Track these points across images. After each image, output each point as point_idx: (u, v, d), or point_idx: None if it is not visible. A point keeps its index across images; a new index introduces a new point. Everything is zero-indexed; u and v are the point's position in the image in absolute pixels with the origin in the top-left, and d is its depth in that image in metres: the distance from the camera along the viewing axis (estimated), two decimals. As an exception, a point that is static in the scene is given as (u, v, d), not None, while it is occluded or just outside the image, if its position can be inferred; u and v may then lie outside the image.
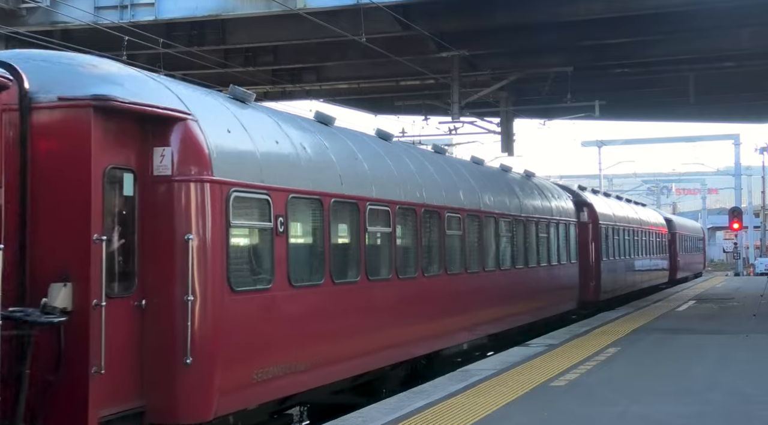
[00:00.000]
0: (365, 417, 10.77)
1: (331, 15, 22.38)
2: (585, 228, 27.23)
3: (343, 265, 12.62)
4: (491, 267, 18.38)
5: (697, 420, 10.50)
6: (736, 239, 67.18)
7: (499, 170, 22.28)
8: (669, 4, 23.45)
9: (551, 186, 25.80)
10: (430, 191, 15.66)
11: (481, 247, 17.79)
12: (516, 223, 20.08)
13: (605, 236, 28.81)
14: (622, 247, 31.51)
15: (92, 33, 22.82)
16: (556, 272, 23.40)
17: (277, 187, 10.79)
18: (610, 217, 29.92)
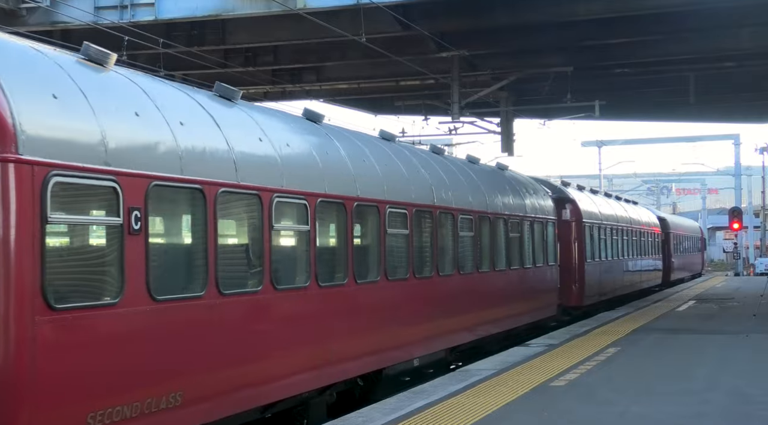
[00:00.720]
0: (365, 417, 10.77)
1: (331, 15, 22.38)
2: (567, 227, 25.76)
3: (235, 271, 10.35)
4: (448, 271, 16.13)
5: (697, 420, 10.50)
6: (736, 239, 67.16)
7: (464, 162, 19.89)
8: (669, 4, 23.45)
9: (527, 181, 23.52)
10: (367, 182, 13.25)
11: (436, 248, 15.53)
12: (481, 221, 17.89)
13: (590, 235, 27.27)
14: (609, 247, 29.90)
15: (92, 33, 22.77)
16: (530, 276, 21.30)
17: (129, 172, 8.42)
18: (595, 215, 28.41)
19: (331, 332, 12.03)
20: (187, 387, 9.01)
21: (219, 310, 9.63)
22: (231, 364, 9.80)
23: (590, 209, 28.02)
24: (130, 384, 8.33)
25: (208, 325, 9.45)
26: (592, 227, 27.62)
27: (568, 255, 25.30)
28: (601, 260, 28.64)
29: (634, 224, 34.77)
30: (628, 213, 34.51)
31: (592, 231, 27.52)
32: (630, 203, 38.22)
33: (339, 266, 12.44)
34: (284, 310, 11.03)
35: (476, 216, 17.64)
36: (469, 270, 17.24)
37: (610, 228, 30.09)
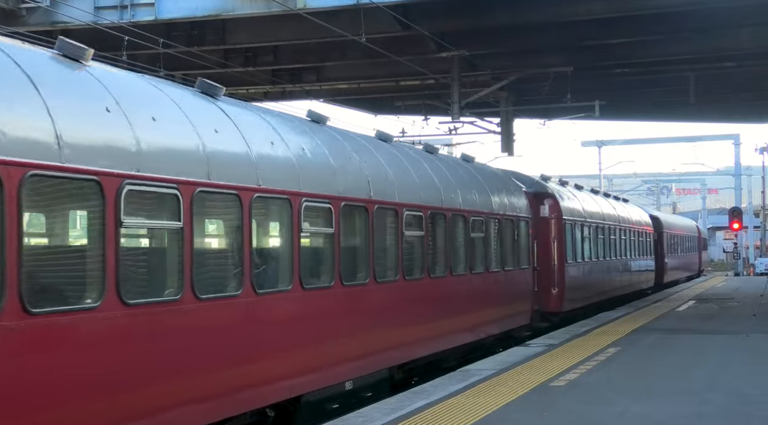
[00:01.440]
0: (365, 417, 10.77)
1: (331, 15, 22.38)
2: (545, 225, 23.55)
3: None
4: (391, 277, 13.94)
5: (697, 420, 10.50)
6: (736, 239, 67.16)
7: (419, 152, 17.69)
8: (669, 4, 23.45)
9: (496, 174, 21.44)
10: (268, 170, 10.82)
11: (372, 250, 13.22)
12: (434, 219, 15.75)
13: (572, 234, 25.13)
14: (595, 247, 27.78)
15: (92, 33, 22.79)
16: (497, 281, 19.03)
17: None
18: (578, 212, 26.16)
19: (219, 355, 9.68)
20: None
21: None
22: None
23: (572, 205, 25.84)
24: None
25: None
26: (575, 225, 25.47)
27: (546, 256, 23.12)
28: (585, 262, 26.49)
29: (624, 223, 32.59)
30: (616, 211, 32.29)
31: (574, 230, 25.39)
32: (620, 201, 36.03)
33: (230, 274, 10.20)
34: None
35: (427, 213, 15.37)
36: (418, 275, 14.98)
37: (595, 227, 27.91)
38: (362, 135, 15.62)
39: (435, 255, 15.87)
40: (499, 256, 19.10)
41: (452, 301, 16.51)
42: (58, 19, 22.41)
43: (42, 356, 7.43)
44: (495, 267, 18.88)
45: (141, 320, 8.52)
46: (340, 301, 12.34)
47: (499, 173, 22.16)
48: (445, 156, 19.89)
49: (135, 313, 8.42)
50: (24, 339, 7.20)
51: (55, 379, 7.54)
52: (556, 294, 23.51)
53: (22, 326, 7.17)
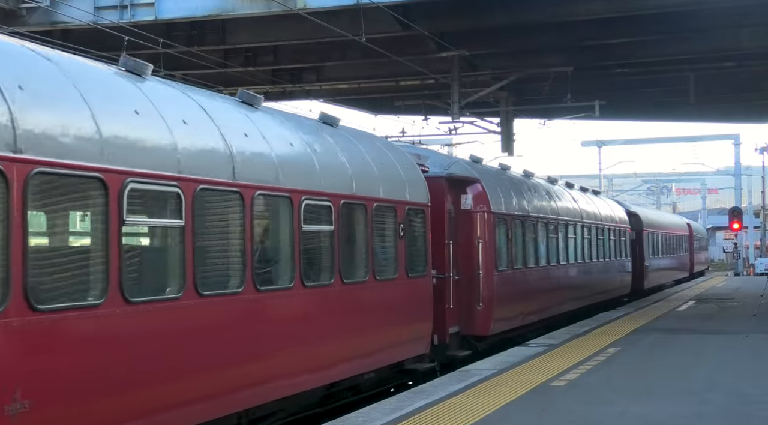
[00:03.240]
0: (365, 416, 10.77)
1: (331, 15, 22.38)
2: (468, 221, 18.15)
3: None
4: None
5: (697, 420, 10.50)
6: (736, 239, 67.17)
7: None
8: (669, 4, 23.45)
9: (376, 145, 14.88)
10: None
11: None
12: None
13: (508, 233, 19.73)
14: (543, 250, 22.52)
15: (92, 33, 22.82)
16: (361, 299, 12.91)
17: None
18: (519, 205, 20.86)
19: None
20: None
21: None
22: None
23: (510, 196, 20.46)
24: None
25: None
26: (512, 222, 20.07)
27: (468, 261, 17.83)
28: (527, 268, 21.10)
29: (589, 219, 27.44)
30: (578, 205, 26.95)
31: (511, 227, 19.98)
32: (587, 194, 30.49)
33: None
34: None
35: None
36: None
37: (545, 224, 22.68)
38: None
39: (216, 260, 9.96)
40: (366, 262, 13.03)
41: (264, 335, 10.57)
42: (58, 19, 22.42)
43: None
44: (358, 277, 12.79)
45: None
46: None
47: (398, 148, 16.31)
48: (304, 118, 13.94)
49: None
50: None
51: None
52: (482, 312, 17.94)
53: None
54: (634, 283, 33.35)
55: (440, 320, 16.28)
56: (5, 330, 7.11)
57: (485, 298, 18.11)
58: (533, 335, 20.71)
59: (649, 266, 36.26)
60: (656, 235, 38.84)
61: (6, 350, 7.11)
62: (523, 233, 20.97)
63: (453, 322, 17.25)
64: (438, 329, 16.10)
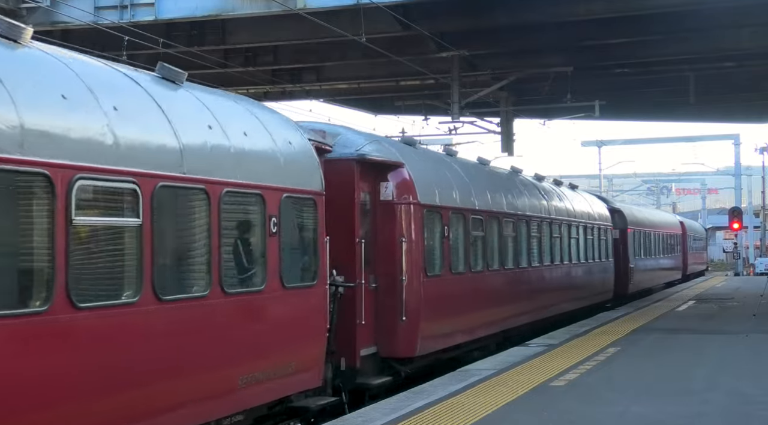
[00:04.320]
0: (365, 417, 10.78)
1: (331, 15, 22.38)
2: (388, 214, 14.67)
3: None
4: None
5: (697, 420, 10.51)
6: (736, 239, 67.17)
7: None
8: (669, 4, 23.45)
9: (263, 117, 11.37)
10: None
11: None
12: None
13: (443, 230, 16.23)
14: (498, 250, 19.21)
15: (92, 33, 22.83)
16: (220, 318, 9.62)
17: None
18: (461, 197, 17.34)
19: None
20: None
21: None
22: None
23: (451, 185, 17.10)
24: None
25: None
26: (453, 217, 16.75)
27: (388, 265, 14.55)
28: (471, 273, 17.58)
29: (560, 216, 24.08)
30: (548, 200, 23.71)
31: (449, 223, 16.53)
32: (563, 187, 27.29)
33: None
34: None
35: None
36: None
37: (500, 220, 19.32)
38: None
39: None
40: (207, 266, 9.41)
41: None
42: (59, 19, 22.42)
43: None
44: (188, 290, 9.33)
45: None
46: None
47: (250, 109, 11.36)
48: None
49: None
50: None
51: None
52: (406, 328, 14.60)
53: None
54: (617, 287, 30.48)
55: (348, 339, 13.31)
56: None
57: (410, 310, 14.61)
58: (481, 354, 17.54)
59: (635, 268, 33.03)
60: (643, 234, 35.73)
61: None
62: (467, 231, 17.35)
63: (367, 341, 14.00)
64: (345, 350, 13.23)
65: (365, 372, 14.03)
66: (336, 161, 13.42)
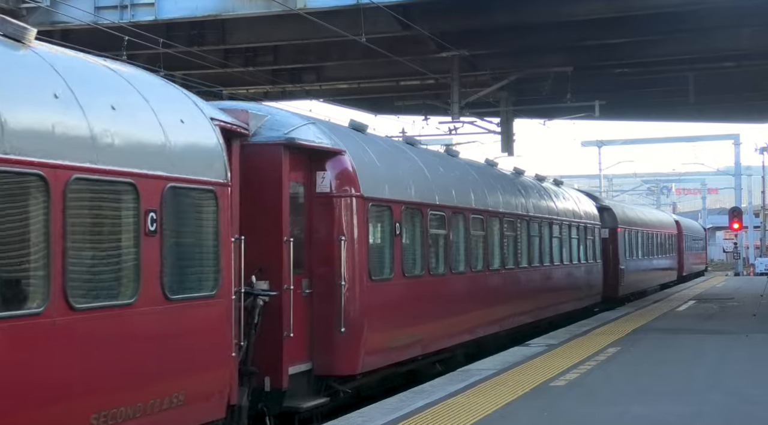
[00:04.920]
0: (365, 416, 10.78)
1: (331, 15, 22.38)
2: (325, 208, 12.72)
3: None
4: None
5: (697, 420, 10.50)
6: (736, 239, 67.15)
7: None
8: (669, 4, 23.46)
9: (145, 87, 9.39)
10: None
11: None
12: None
13: (395, 226, 14.18)
14: (464, 251, 17.14)
15: (92, 33, 22.82)
16: (63, 341, 7.61)
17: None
18: (419, 191, 15.29)
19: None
20: None
21: None
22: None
23: (406, 177, 15.09)
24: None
25: None
26: (406, 213, 14.68)
27: (326, 268, 12.65)
28: (433, 276, 15.65)
29: (539, 214, 22.26)
30: (525, 196, 21.76)
31: (403, 220, 14.52)
32: (546, 183, 25.69)
33: None
34: None
35: None
36: None
37: (466, 217, 17.33)
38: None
39: None
40: (45, 272, 7.44)
41: None
42: (58, 19, 22.42)
43: None
44: (18, 304, 7.32)
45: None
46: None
47: (127, 77, 9.35)
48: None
49: None
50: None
51: None
52: (346, 341, 12.62)
53: None
54: (606, 290, 28.85)
55: (273, 356, 11.48)
56: None
57: (350, 320, 12.61)
58: (448, 367, 15.75)
59: (625, 270, 31.32)
60: (635, 233, 34.23)
61: None
62: (425, 229, 15.29)
63: (298, 357, 12.06)
64: (270, 369, 11.45)
65: (296, 393, 11.98)
66: (260, 147, 11.78)
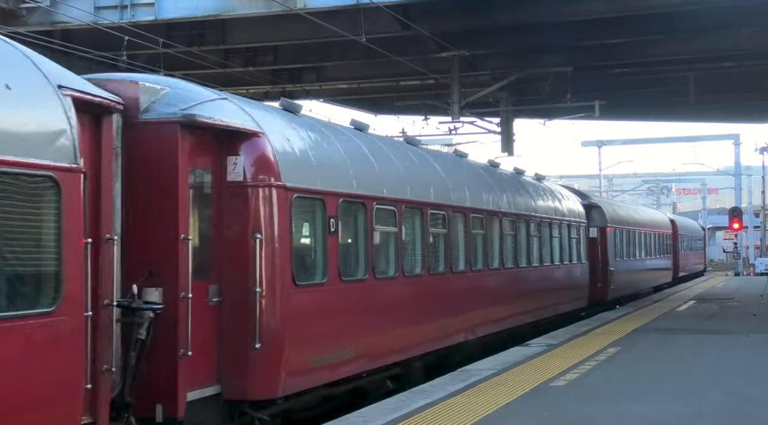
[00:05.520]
0: (365, 416, 10.78)
1: (331, 15, 22.39)
2: (238, 200, 10.71)
3: None
4: None
5: (697, 420, 10.50)
6: (736, 239, 67.14)
7: None
8: (669, 4, 23.46)
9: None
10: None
11: None
12: None
13: (328, 222, 12.00)
14: (420, 251, 14.96)
15: (92, 33, 22.82)
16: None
17: None
18: (360, 182, 13.02)
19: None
20: None
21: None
22: None
23: (345, 164, 12.90)
24: None
25: None
26: (342, 206, 12.32)
27: (239, 274, 10.54)
28: (379, 280, 13.37)
29: (514, 210, 19.99)
30: (496, 191, 19.28)
31: (337, 215, 12.16)
32: (524, 177, 23.69)
33: None
34: None
35: None
36: None
37: (421, 212, 15.03)
38: None
39: None
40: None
41: None
42: (58, 19, 22.42)
43: None
44: None
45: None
46: None
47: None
48: None
49: None
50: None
51: None
52: (262, 359, 10.50)
53: None
54: (593, 293, 27.07)
55: (166, 379, 9.58)
56: None
57: (268, 334, 10.46)
58: (394, 388, 13.81)
59: (615, 271, 29.47)
60: (625, 233, 32.32)
61: None
62: (369, 226, 13.06)
63: (200, 380, 10.02)
64: (162, 395, 9.57)
65: (200, 421, 10.05)
66: (151, 126, 9.89)
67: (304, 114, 13.36)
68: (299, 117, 12.98)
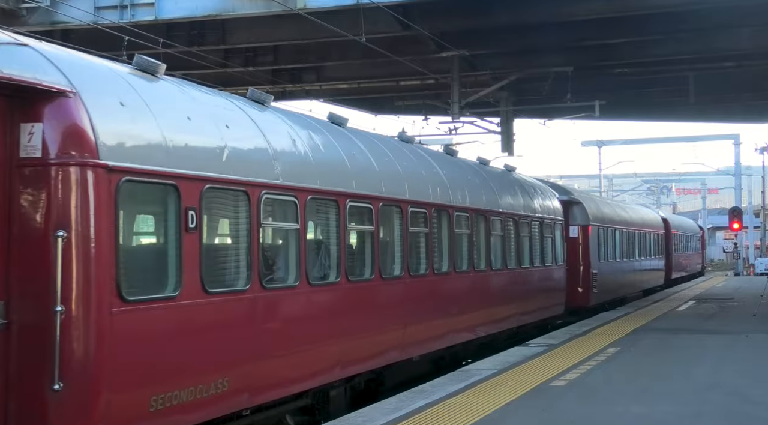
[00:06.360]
0: (365, 416, 10.78)
1: (331, 15, 22.38)
2: (35, 184, 7.89)
3: None
4: None
5: (697, 420, 10.51)
6: (736, 239, 67.15)
7: None
8: (669, 4, 23.45)
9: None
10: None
11: None
12: None
13: (190, 216, 8.88)
14: (339, 252, 11.92)
15: (92, 33, 22.82)
16: None
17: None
18: (242, 167, 9.99)
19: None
20: None
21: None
22: None
23: (221, 144, 9.73)
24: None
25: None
26: (206, 195, 9.25)
27: (36, 286, 7.76)
28: (270, 290, 10.26)
29: (473, 206, 17.31)
30: (453, 184, 16.64)
31: (201, 205, 9.15)
32: (486, 166, 20.95)
33: None
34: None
35: None
36: None
37: (336, 203, 12.01)
38: None
39: None
40: None
41: None
42: (58, 19, 22.42)
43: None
44: None
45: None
46: None
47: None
48: None
49: None
50: None
51: None
52: (65, 406, 7.64)
53: None
54: (573, 298, 24.94)
55: None
56: None
57: (75, 369, 7.72)
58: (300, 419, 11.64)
59: (599, 273, 27.16)
60: (611, 232, 29.93)
61: None
62: (254, 222, 9.99)
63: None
64: None
65: None
66: None
67: (163, 76, 9.92)
68: (155, 80, 9.76)
